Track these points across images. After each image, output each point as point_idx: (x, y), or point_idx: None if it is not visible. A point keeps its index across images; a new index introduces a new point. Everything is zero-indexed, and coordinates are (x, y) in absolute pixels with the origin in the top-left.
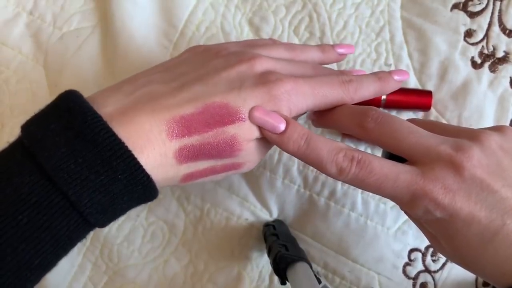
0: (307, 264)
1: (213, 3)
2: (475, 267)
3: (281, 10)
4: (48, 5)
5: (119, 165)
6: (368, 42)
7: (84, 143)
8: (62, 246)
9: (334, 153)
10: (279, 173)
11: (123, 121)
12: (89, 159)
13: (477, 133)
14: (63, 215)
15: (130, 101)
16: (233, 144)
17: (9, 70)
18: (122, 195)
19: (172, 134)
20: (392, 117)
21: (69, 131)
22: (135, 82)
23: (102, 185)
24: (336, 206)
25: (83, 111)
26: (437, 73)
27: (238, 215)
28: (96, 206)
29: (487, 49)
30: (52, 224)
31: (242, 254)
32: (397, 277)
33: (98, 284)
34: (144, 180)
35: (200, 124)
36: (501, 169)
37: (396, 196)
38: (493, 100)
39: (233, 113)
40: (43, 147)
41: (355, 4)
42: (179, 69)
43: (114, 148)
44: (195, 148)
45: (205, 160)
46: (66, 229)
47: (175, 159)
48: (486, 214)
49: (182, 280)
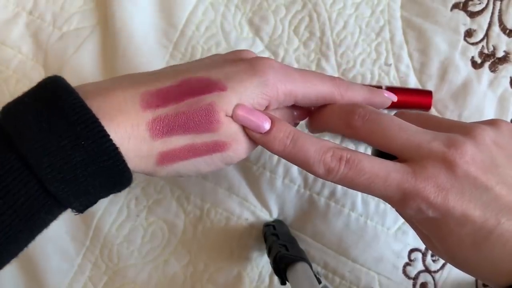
0: (307, 264)
1: (213, 3)
2: (469, 267)
3: (281, 10)
4: (48, 5)
5: (83, 131)
6: (368, 42)
7: (50, 110)
8: (23, 219)
9: (321, 152)
10: (279, 173)
11: (98, 94)
12: (53, 124)
13: (471, 127)
14: (22, 182)
15: (113, 83)
16: (209, 114)
17: (8, 70)
18: (86, 165)
19: (146, 104)
20: (380, 114)
21: (39, 102)
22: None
23: (64, 150)
24: (336, 206)
25: (57, 85)
26: (437, 73)
27: (238, 215)
28: (56, 174)
29: (487, 49)
30: (10, 191)
31: (242, 254)
32: (397, 277)
33: (98, 284)
34: (110, 151)
35: (176, 95)
36: (495, 166)
37: (387, 195)
38: (493, 100)
39: (213, 84)
40: (10, 116)
41: (355, 4)
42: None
43: (79, 113)
44: (169, 119)
45: (182, 135)
46: (26, 199)
47: (149, 132)
48: (480, 212)
49: (182, 280)
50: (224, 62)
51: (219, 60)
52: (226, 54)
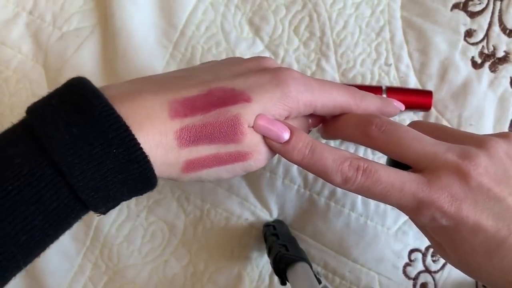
0: (307, 264)
1: (213, 3)
2: (480, 275)
3: (281, 10)
4: (48, 5)
5: (114, 139)
6: (368, 42)
7: (81, 116)
8: (52, 224)
9: (339, 162)
10: (279, 173)
11: (125, 99)
12: (85, 131)
13: (484, 140)
14: (53, 188)
15: (136, 86)
16: (235, 125)
17: (8, 70)
18: (116, 173)
19: (174, 113)
20: (397, 124)
21: (68, 105)
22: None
23: (96, 158)
24: (336, 206)
25: (84, 87)
26: (437, 73)
27: (238, 215)
28: (88, 181)
29: (487, 49)
30: (42, 198)
31: (242, 254)
32: (397, 277)
33: (98, 284)
34: (141, 159)
35: (203, 105)
36: (507, 177)
37: (402, 204)
38: (493, 100)
39: (238, 94)
40: (41, 120)
41: (355, 4)
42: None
43: (111, 121)
44: (197, 129)
45: (208, 144)
46: (57, 205)
47: (176, 141)
48: (493, 223)
49: (182, 280)
50: (248, 71)
51: (242, 68)
52: (249, 61)
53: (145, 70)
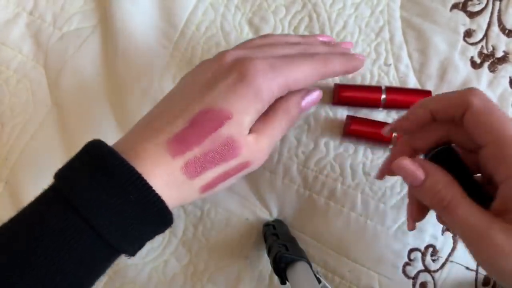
0: (307, 264)
1: (213, 3)
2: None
3: (281, 10)
4: (48, 5)
5: (130, 187)
6: (367, 42)
7: (102, 175)
8: (88, 271)
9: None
10: (279, 173)
11: (131, 153)
12: (106, 186)
13: None
14: (88, 241)
15: (137, 139)
16: (230, 145)
17: (9, 70)
18: (136, 215)
19: (173, 152)
20: None
21: (89, 167)
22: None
23: (116, 206)
24: (336, 206)
25: (102, 150)
26: (436, 73)
27: (238, 215)
28: (112, 227)
29: (487, 49)
30: (77, 250)
31: (242, 254)
32: (397, 276)
33: (98, 284)
34: (155, 200)
35: (194, 138)
36: None
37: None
38: (493, 100)
39: (218, 115)
40: (67, 182)
41: (354, 4)
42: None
43: (126, 174)
44: (200, 160)
45: (214, 168)
46: (92, 255)
47: (185, 176)
48: None
49: (182, 280)
50: (215, 79)
51: (209, 77)
52: (211, 63)
53: (145, 70)
